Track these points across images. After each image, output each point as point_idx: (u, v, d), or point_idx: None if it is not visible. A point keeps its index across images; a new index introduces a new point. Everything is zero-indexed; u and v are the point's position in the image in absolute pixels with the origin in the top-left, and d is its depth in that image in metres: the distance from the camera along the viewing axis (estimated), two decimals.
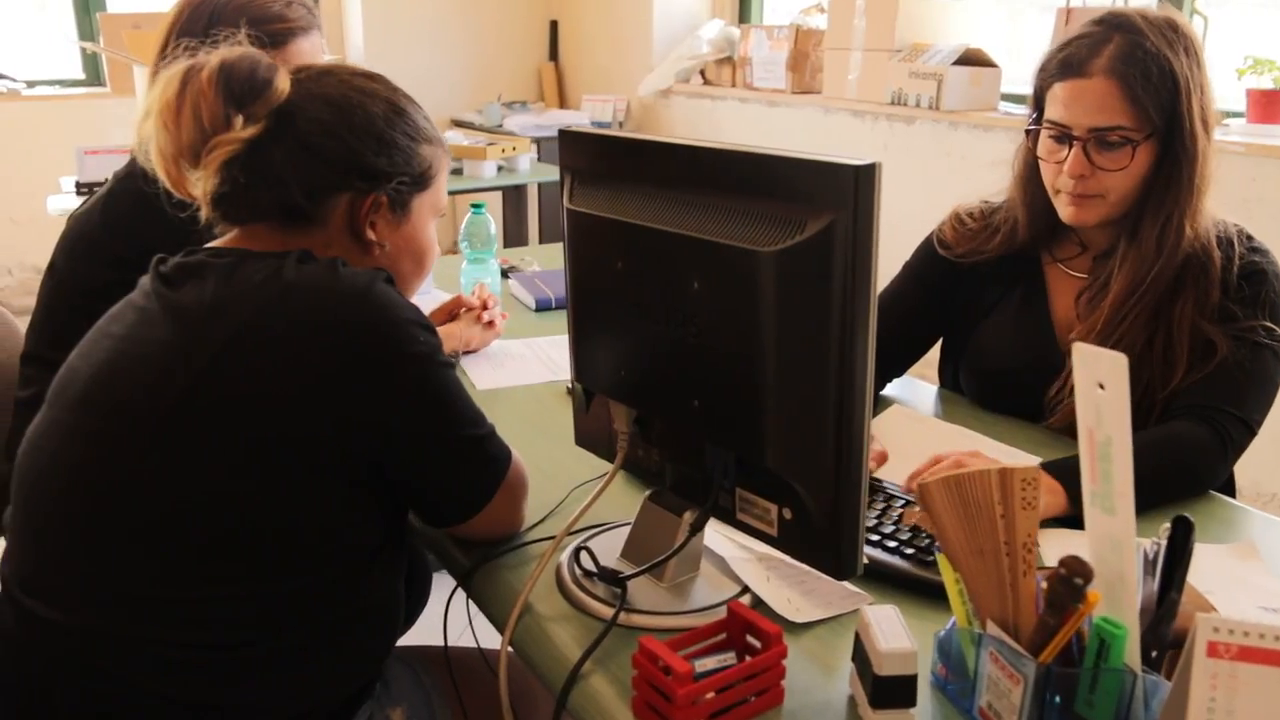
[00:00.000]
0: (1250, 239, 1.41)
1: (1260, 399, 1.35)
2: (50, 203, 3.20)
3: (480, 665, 1.21)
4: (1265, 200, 2.60)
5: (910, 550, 1.07)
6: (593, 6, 5.03)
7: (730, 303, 0.90)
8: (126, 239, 1.47)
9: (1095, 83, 1.34)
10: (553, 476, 1.27)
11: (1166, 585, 0.82)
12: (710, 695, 0.83)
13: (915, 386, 1.65)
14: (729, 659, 0.86)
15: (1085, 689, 0.79)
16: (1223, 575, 1.09)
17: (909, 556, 1.07)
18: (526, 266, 2.26)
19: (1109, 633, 0.77)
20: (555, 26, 5.27)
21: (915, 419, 1.51)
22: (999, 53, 3.42)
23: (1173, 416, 1.34)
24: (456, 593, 1.12)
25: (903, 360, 1.62)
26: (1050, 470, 1.18)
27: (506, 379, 1.64)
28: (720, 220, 0.90)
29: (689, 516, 1.02)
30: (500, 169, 3.76)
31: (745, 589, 1.03)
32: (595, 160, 1.05)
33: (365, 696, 1.09)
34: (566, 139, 1.07)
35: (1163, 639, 0.82)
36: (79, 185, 3.23)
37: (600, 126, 4.52)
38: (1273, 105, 2.73)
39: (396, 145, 1.07)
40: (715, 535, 1.10)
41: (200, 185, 1.04)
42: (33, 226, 4.30)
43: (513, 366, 1.70)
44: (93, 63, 4.67)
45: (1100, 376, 0.71)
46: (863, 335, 0.83)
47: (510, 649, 1.01)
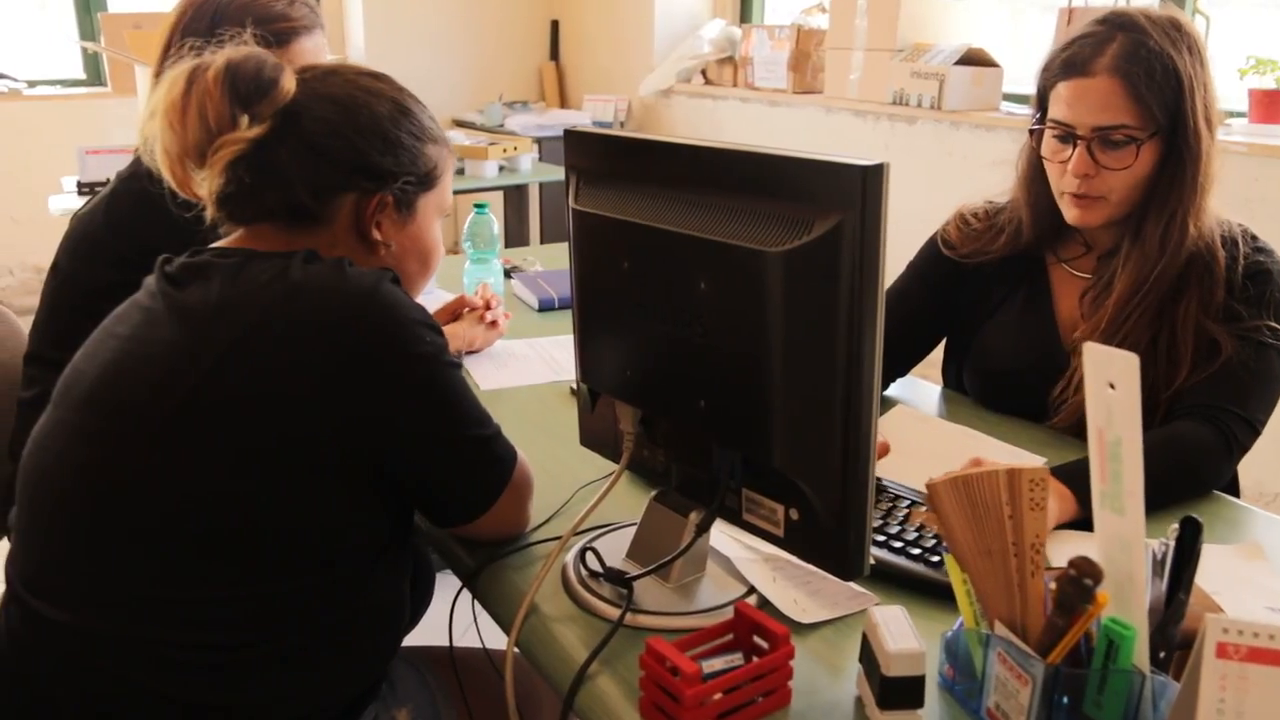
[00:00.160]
0: (1255, 239, 1.41)
1: (1265, 399, 1.35)
2: (52, 202, 3.20)
3: (485, 665, 1.21)
4: (1268, 200, 2.60)
5: (916, 551, 1.07)
6: (594, 6, 5.03)
7: (737, 303, 0.90)
8: (129, 239, 1.47)
9: (1099, 82, 1.33)
10: (557, 477, 1.27)
11: (1175, 586, 0.81)
12: (718, 696, 0.83)
13: (918, 386, 1.65)
14: (736, 660, 0.86)
15: (1093, 690, 0.79)
16: (1229, 575, 1.09)
17: (915, 557, 1.07)
18: (529, 266, 2.25)
19: (1118, 633, 0.77)
20: (556, 26, 5.27)
21: (919, 419, 1.51)
22: (1001, 52, 3.42)
23: (1177, 416, 1.34)
24: (462, 593, 1.12)
25: (906, 360, 1.61)
26: (1060, 476, 1.17)
27: (510, 379, 1.64)
28: (727, 220, 0.90)
29: (695, 517, 1.02)
30: (502, 169, 3.76)
31: (751, 589, 1.03)
32: (601, 160, 1.05)
33: (371, 697, 1.09)
34: (572, 139, 1.07)
35: (1171, 640, 0.82)
36: (80, 185, 3.23)
37: (601, 126, 4.51)
38: (1275, 105, 2.73)
39: (402, 145, 1.07)
40: (721, 536, 1.10)
41: (205, 185, 1.03)
42: (34, 226, 4.30)
43: (516, 367, 1.70)
44: (94, 62, 4.67)
45: (1111, 376, 0.71)
46: (870, 335, 0.83)
47: (516, 650, 1.01)
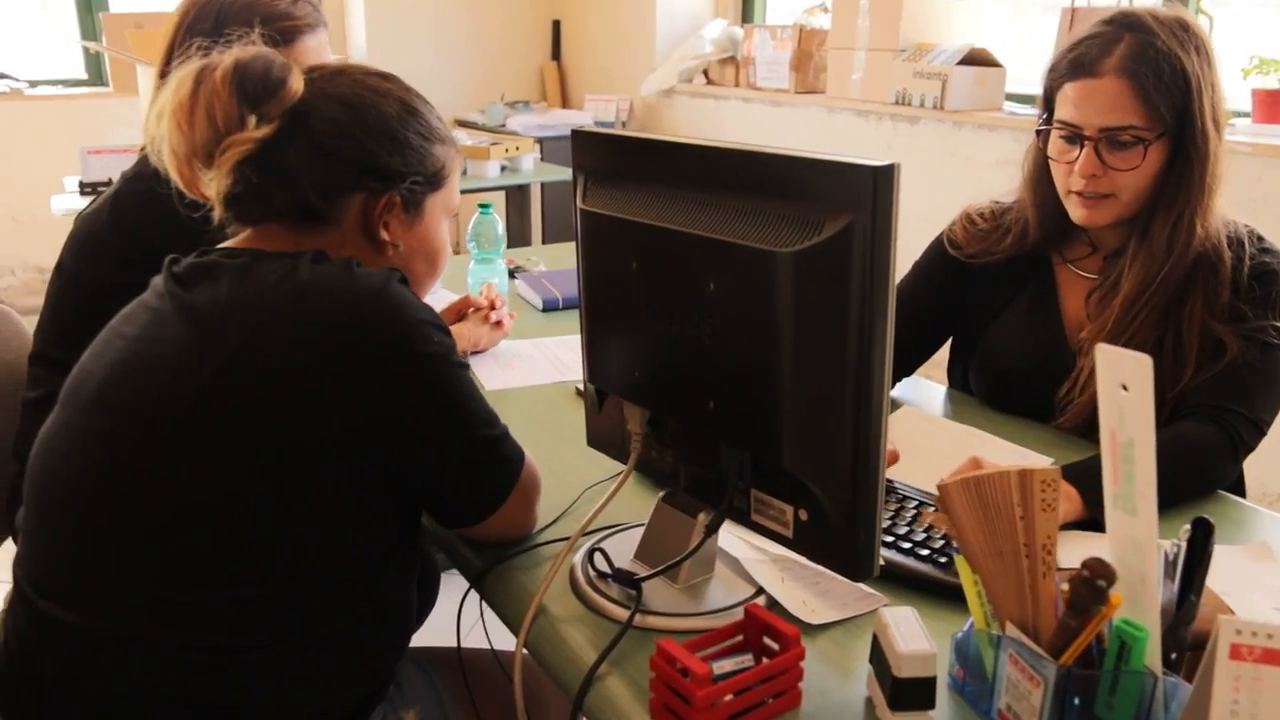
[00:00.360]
0: (1261, 239, 1.41)
1: (1270, 399, 1.34)
2: (54, 202, 3.20)
3: (492, 666, 1.21)
4: (1271, 200, 2.60)
5: (925, 551, 1.07)
6: (595, 6, 5.02)
7: (747, 303, 0.90)
8: (134, 239, 1.47)
9: (1106, 82, 1.33)
10: (563, 478, 1.27)
11: (1186, 587, 0.81)
12: (729, 697, 0.83)
13: (923, 387, 1.65)
14: (746, 661, 0.86)
15: (1105, 691, 0.79)
16: (1237, 576, 1.08)
17: (923, 558, 1.07)
18: (533, 267, 2.25)
19: (1130, 635, 0.77)
20: (558, 26, 5.27)
21: (926, 420, 1.51)
22: (1002, 52, 3.42)
23: (1181, 416, 1.34)
24: (469, 594, 1.12)
25: (912, 360, 1.61)
26: (1065, 475, 1.16)
27: (515, 379, 1.64)
28: (737, 221, 0.89)
29: (704, 518, 1.02)
30: (504, 169, 3.76)
31: (760, 590, 1.03)
32: (609, 160, 1.05)
33: (378, 698, 1.08)
34: (580, 139, 1.07)
35: (1182, 641, 0.82)
36: (83, 185, 3.23)
37: (603, 126, 4.51)
38: (1278, 105, 2.73)
39: (410, 145, 1.07)
40: (729, 536, 1.10)
41: (213, 185, 1.03)
42: (35, 226, 4.30)
43: (521, 367, 1.70)
44: (95, 62, 4.66)
45: (1124, 378, 0.71)
46: (881, 336, 0.83)
47: (525, 651, 1.01)
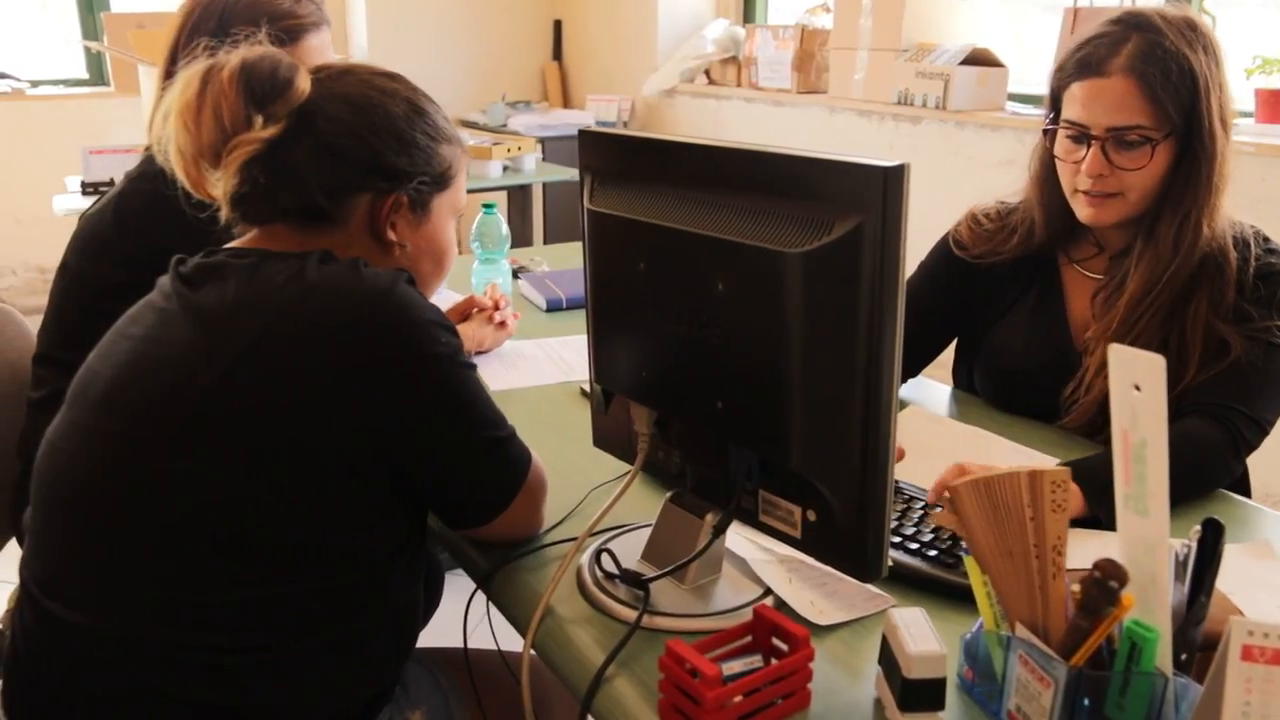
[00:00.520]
0: (1267, 240, 1.41)
1: (1273, 398, 1.34)
2: (56, 202, 3.20)
3: (497, 667, 1.21)
4: (1274, 200, 2.60)
5: (932, 552, 1.07)
6: (596, 6, 5.02)
7: (755, 304, 0.89)
8: (137, 239, 1.46)
9: (1114, 82, 1.33)
10: (568, 478, 1.27)
11: (1196, 588, 0.81)
12: (738, 698, 0.82)
13: (929, 387, 1.65)
14: (756, 662, 0.86)
15: (1115, 692, 0.78)
16: (1240, 575, 1.08)
17: (931, 558, 1.06)
18: (536, 267, 2.25)
19: (1141, 636, 0.77)
20: (559, 26, 5.27)
21: (932, 420, 1.51)
22: (1005, 52, 3.42)
23: (1184, 415, 1.33)
24: (476, 594, 1.12)
25: (918, 361, 1.61)
26: None
27: (519, 380, 1.64)
28: (745, 221, 0.89)
29: (711, 518, 1.02)
30: (506, 169, 3.75)
31: (767, 591, 1.03)
32: (617, 161, 1.04)
33: (385, 700, 1.08)
34: (587, 139, 1.07)
35: (1192, 642, 0.82)
36: (85, 185, 3.23)
37: (604, 126, 4.52)
38: None
39: (417, 145, 1.07)
40: (736, 537, 1.10)
41: (220, 186, 1.03)
42: (37, 226, 4.30)
43: (525, 367, 1.70)
44: (97, 62, 4.66)
45: (1137, 378, 0.71)
46: (890, 336, 0.83)
47: (533, 652, 1.01)
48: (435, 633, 1.22)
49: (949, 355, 1.69)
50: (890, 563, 0.99)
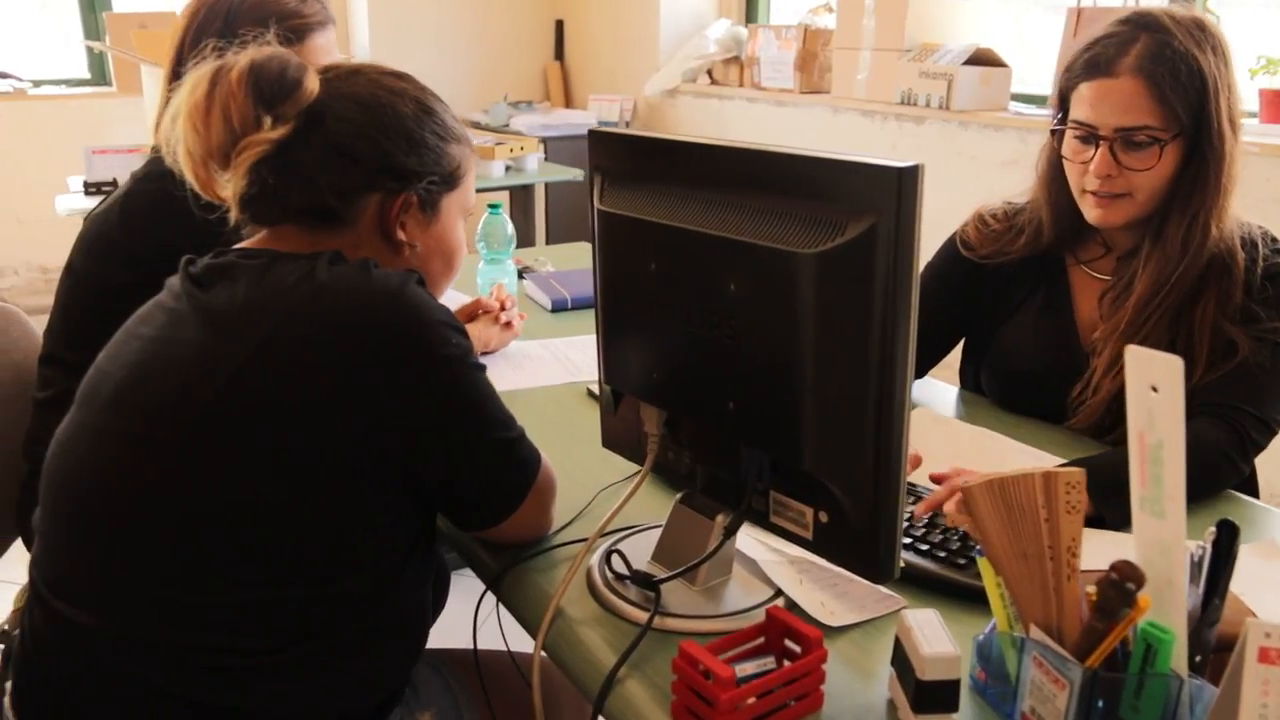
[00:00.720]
0: (1275, 240, 1.40)
1: None
2: (59, 202, 3.20)
3: (507, 668, 1.21)
4: (1279, 201, 2.60)
5: (942, 553, 1.07)
6: (598, 6, 5.02)
7: (768, 305, 0.89)
8: (144, 239, 1.46)
9: (1122, 82, 1.33)
10: (576, 479, 1.26)
11: (1211, 590, 0.81)
12: (751, 700, 0.82)
13: (935, 388, 1.64)
14: (769, 663, 0.86)
15: (1130, 694, 0.78)
16: (1248, 575, 1.08)
17: (941, 559, 1.06)
18: (540, 267, 2.25)
19: (1156, 637, 0.77)
20: (561, 26, 5.26)
21: (940, 421, 1.50)
22: (1008, 52, 3.42)
23: (1191, 415, 1.33)
24: (485, 595, 1.11)
25: (925, 361, 1.61)
26: None
27: (525, 380, 1.63)
28: (758, 222, 0.89)
29: (722, 519, 1.02)
30: (508, 169, 3.75)
31: (778, 592, 1.03)
32: (627, 161, 1.04)
33: (395, 701, 1.08)
34: (597, 140, 1.07)
35: (1206, 644, 0.82)
36: (87, 185, 3.23)
37: (606, 126, 4.51)
38: None
39: (426, 145, 1.06)
40: (745, 537, 1.09)
41: (229, 187, 1.03)
42: (38, 226, 4.29)
43: (531, 368, 1.69)
44: (99, 62, 4.66)
45: (1153, 379, 0.71)
46: (904, 336, 0.83)
47: (543, 653, 1.00)
48: (442, 633, 1.22)
49: (954, 356, 1.68)
50: (902, 564, 0.99)
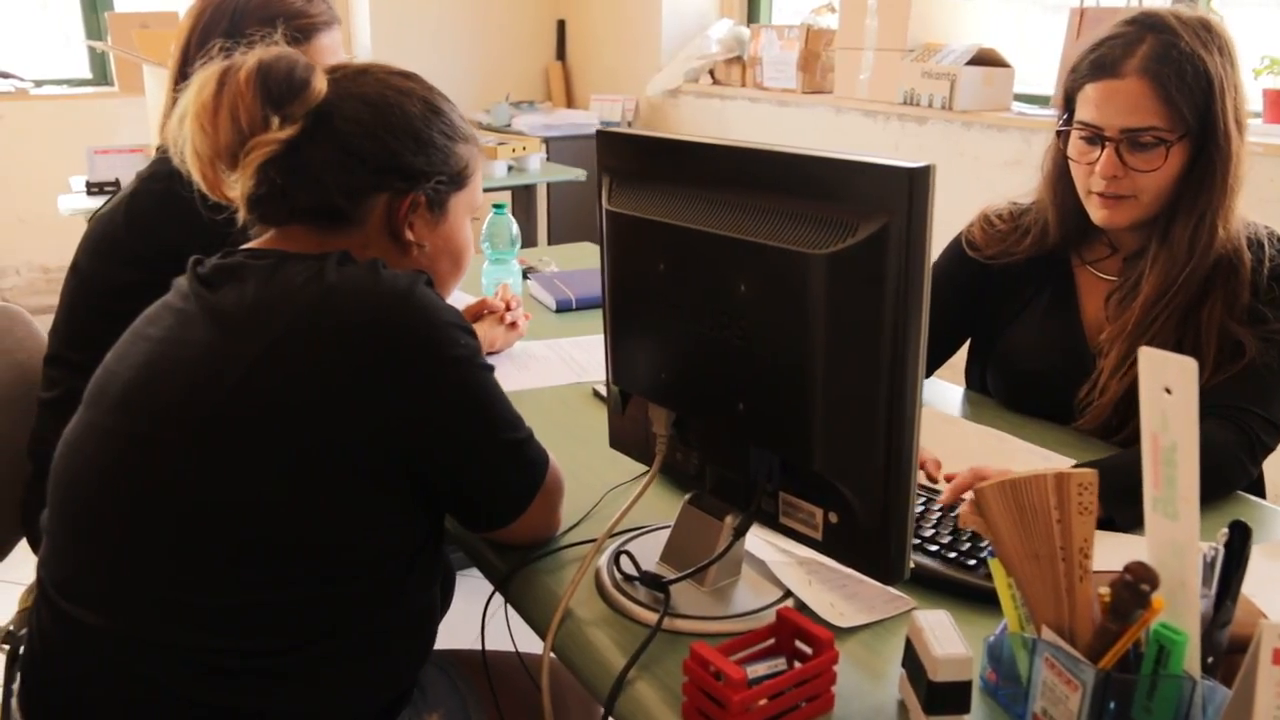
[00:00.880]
0: None
1: None
2: (61, 202, 3.19)
3: (513, 669, 1.20)
4: None
5: (951, 554, 1.07)
6: (600, 6, 5.02)
7: (779, 305, 0.89)
8: (148, 238, 1.46)
9: (1128, 83, 1.33)
10: (583, 480, 1.26)
11: (1223, 591, 0.81)
12: (762, 702, 0.82)
13: (941, 388, 1.64)
14: (780, 664, 0.86)
15: (1143, 695, 0.78)
16: (1257, 576, 1.08)
17: (950, 560, 1.06)
18: (545, 267, 2.25)
19: (1169, 639, 0.76)
20: (563, 26, 5.26)
21: (947, 421, 1.50)
22: (1011, 52, 3.41)
23: (1199, 417, 1.33)
24: (492, 596, 1.11)
25: (932, 362, 1.61)
26: None
27: (531, 381, 1.63)
28: (768, 222, 0.89)
29: (731, 520, 1.01)
30: (511, 169, 3.75)
31: (787, 593, 1.03)
32: (636, 161, 1.04)
33: (403, 703, 1.08)
34: (605, 140, 1.06)
35: (1218, 645, 0.82)
36: (90, 185, 3.22)
37: (609, 126, 4.51)
38: None
39: (434, 144, 1.06)
40: (753, 538, 1.09)
41: (237, 187, 1.03)
42: (40, 226, 4.29)
43: (536, 368, 1.69)
44: (101, 62, 4.65)
45: (1167, 381, 0.71)
46: (915, 337, 0.82)
47: (552, 655, 1.00)
48: (448, 634, 1.22)
49: (958, 357, 1.68)
50: (912, 565, 0.99)
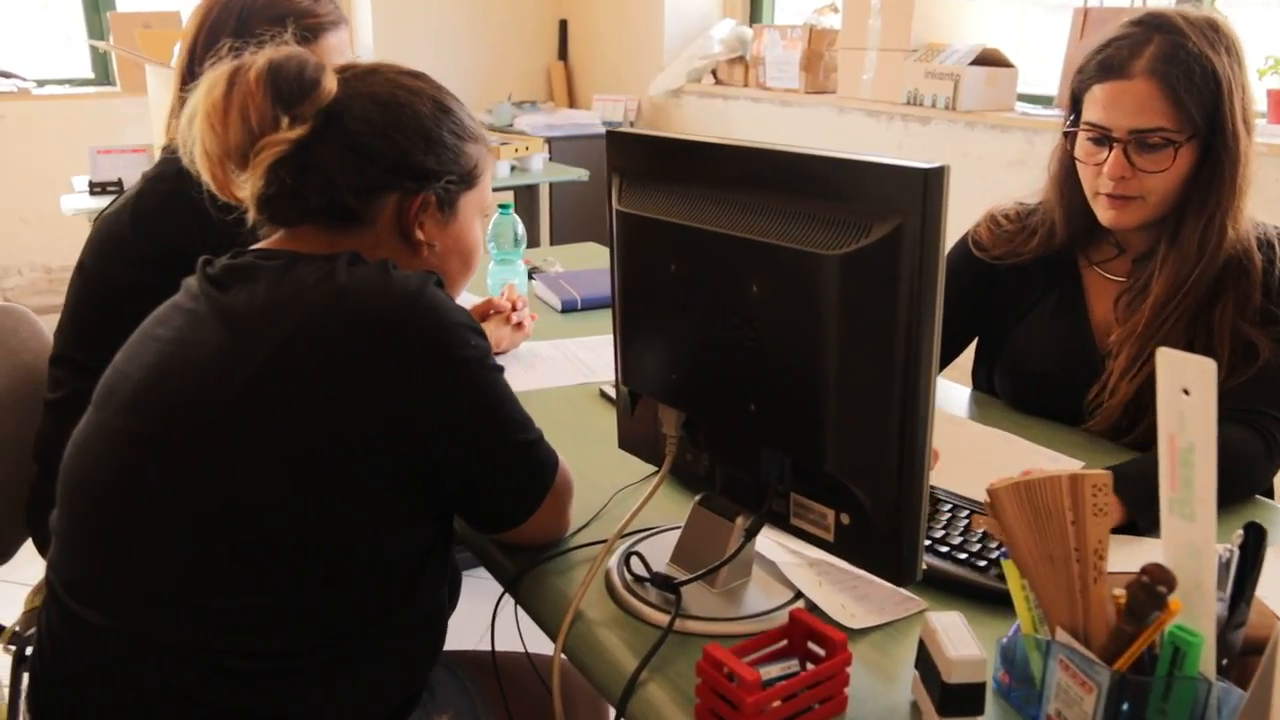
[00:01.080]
0: None
1: None
2: (64, 202, 3.19)
3: (523, 670, 1.20)
4: None
5: (963, 555, 1.06)
6: (603, 6, 5.01)
7: (791, 306, 0.89)
8: (153, 239, 1.46)
9: (1136, 84, 1.33)
10: (591, 480, 1.26)
11: (1238, 592, 0.81)
12: (776, 703, 0.82)
13: (947, 389, 1.64)
14: (793, 666, 0.85)
15: (1158, 697, 0.78)
16: (1270, 578, 1.08)
17: (961, 561, 1.06)
18: (549, 267, 2.24)
19: (1184, 640, 0.76)
20: (565, 25, 5.26)
21: (954, 423, 1.50)
22: (1014, 53, 3.41)
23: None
24: (501, 598, 1.11)
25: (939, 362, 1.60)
26: None
27: (537, 381, 1.63)
28: (781, 223, 0.89)
29: (742, 521, 1.01)
30: (513, 169, 3.75)
31: (798, 594, 1.02)
32: (647, 162, 1.04)
33: (413, 705, 1.07)
34: (615, 140, 1.06)
35: (1233, 647, 0.81)
36: (93, 185, 3.22)
37: (611, 126, 4.51)
38: None
39: (444, 144, 1.06)
40: (763, 539, 1.09)
41: (246, 187, 1.02)
42: (42, 226, 4.29)
43: (543, 369, 1.69)
44: (103, 62, 4.65)
45: (1185, 382, 0.70)
46: (929, 338, 0.82)
47: (563, 656, 1.00)
48: (456, 635, 1.22)
49: (965, 358, 1.68)
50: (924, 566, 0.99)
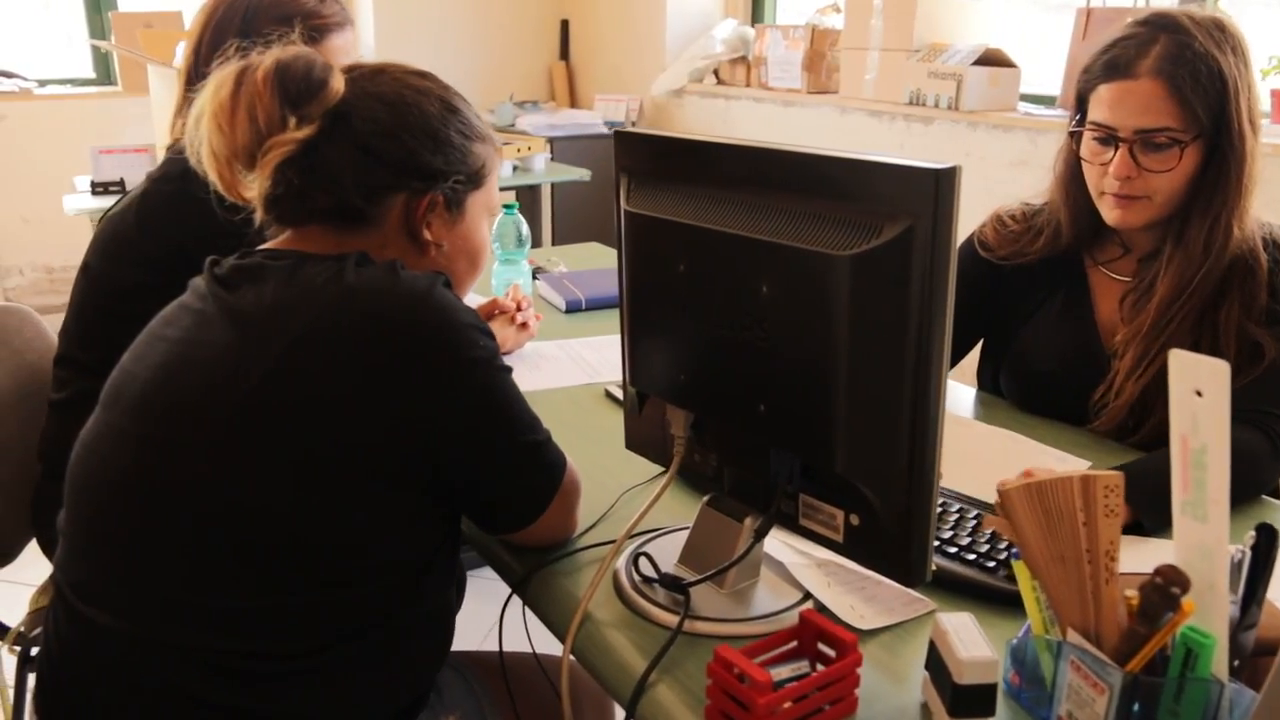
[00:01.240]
0: None
1: None
2: (66, 202, 3.19)
3: (530, 671, 1.20)
4: None
5: (972, 556, 1.06)
6: (604, 5, 5.01)
7: (802, 307, 0.89)
8: (158, 239, 1.46)
9: (1142, 84, 1.32)
10: (598, 481, 1.25)
11: (1250, 594, 0.81)
12: (787, 705, 0.82)
13: (952, 389, 1.64)
14: (803, 667, 0.85)
15: (1170, 698, 0.78)
16: (1275, 578, 1.08)
17: (969, 562, 1.06)
18: (553, 267, 2.24)
19: (1197, 642, 0.76)
20: (566, 25, 5.25)
21: (960, 423, 1.50)
22: (1017, 53, 3.41)
23: None
24: (510, 598, 1.11)
25: None
26: None
27: (542, 381, 1.63)
28: (791, 224, 0.88)
29: (750, 522, 1.01)
30: (516, 169, 3.75)
31: (807, 595, 1.02)
32: (655, 161, 1.03)
33: (420, 706, 1.07)
34: (624, 140, 1.06)
35: (1244, 648, 0.81)
36: (94, 185, 3.22)
37: (613, 126, 4.50)
38: None
39: (451, 144, 1.06)
40: (771, 540, 1.09)
41: (254, 187, 1.02)
42: (43, 226, 4.28)
43: (548, 369, 1.69)
44: (104, 62, 4.65)
45: (1198, 384, 0.70)
46: (940, 338, 0.82)
47: (572, 657, 1.00)
48: (463, 636, 1.21)
49: (970, 358, 1.68)
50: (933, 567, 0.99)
